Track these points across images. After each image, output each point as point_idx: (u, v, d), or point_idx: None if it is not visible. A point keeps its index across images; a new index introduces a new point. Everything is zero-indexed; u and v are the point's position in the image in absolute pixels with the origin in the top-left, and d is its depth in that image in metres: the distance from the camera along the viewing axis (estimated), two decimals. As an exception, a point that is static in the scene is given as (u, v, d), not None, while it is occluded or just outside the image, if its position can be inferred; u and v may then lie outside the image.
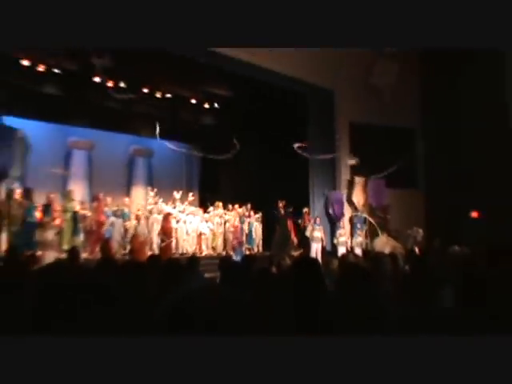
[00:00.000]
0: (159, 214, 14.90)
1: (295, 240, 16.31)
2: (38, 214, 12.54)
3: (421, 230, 15.97)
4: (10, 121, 12.07)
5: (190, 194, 16.67)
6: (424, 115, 18.54)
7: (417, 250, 12.41)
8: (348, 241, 16.08)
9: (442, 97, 17.69)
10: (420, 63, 18.48)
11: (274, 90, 16.58)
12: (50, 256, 11.42)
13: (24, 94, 14.69)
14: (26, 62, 14.65)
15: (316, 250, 15.40)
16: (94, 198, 14.79)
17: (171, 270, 4.50)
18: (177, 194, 15.85)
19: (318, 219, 16.19)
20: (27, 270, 3.79)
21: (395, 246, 13.52)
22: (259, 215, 16.92)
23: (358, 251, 14.32)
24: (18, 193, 12.04)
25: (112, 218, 14.26)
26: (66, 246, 12.53)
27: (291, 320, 2.93)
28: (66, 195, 13.82)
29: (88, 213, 13.79)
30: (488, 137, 15.67)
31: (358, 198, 17.21)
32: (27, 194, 12.30)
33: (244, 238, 16.46)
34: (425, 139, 18.36)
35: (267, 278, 4.44)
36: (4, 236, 11.53)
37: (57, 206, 13.19)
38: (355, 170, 17.29)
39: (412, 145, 18.39)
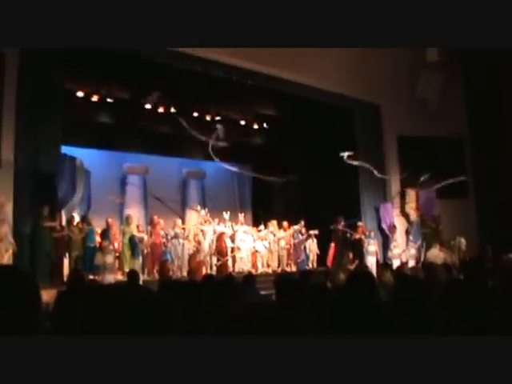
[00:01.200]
0: (213, 233, 15.13)
1: (350, 254, 16.23)
2: (97, 239, 12.93)
3: (463, 240, 15.65)
4: (68, 150, 12.50)
5: (241, 215, 16.83)
6: (472, 124, 18.27)
7: (467, 259, 12.23)
8: (402, 253, 15.92)
9: (489, 105, 17.45)
10: (465, 72, 18.28)
11: (321, 107, 16.67)
12: (109, 279, 11.75)
13: (80, 124, 15.22)
14: (80, 93, 15.20)
15: (371, 263, 15.29)
16: (150, 221, 15.11)
17: (227, 286, 4.61)
18: (226, 215, 16.04)
19: (372, 233, 16.10)
20: (90, 293, 3.95)
21: (448, 257, 13.34)
22: (315, 231, 16.85)
23: (412, 263, 14.17)
24: (77, 219, 12.44)
25: (169, 240, 14.52)
26: (126, 269, 12.83)
27: (345, 334, 2.96)
28: (126, 219, 14.18)
29: (145, 235, 14.09)
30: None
31: (411, 210, 17.05)
32: (86, 219, 12.67)
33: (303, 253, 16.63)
34: (473, 148, 18.09)
35: (322, 292, 4.52)
36: (66, 261, 11.91)
37: (115, 230, 13.57)
38: (406, 182, 17.17)
39: (461, 154, 18.13)
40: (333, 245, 16.84)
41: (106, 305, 1.52)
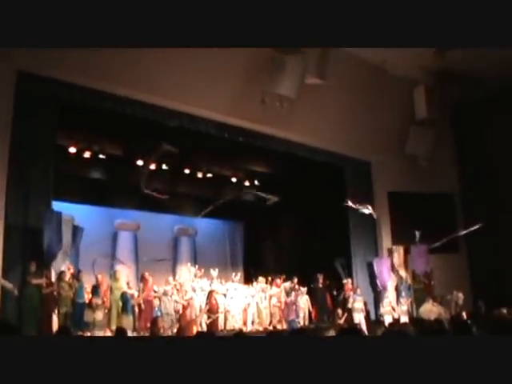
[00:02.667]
0: (203, 291, 15.00)
1: (339, 311, 16.09)
2: (86, 295, 12.78)
3: (461, 295, 15.60)
4: (59, 206, 12.47)
5: (235, 275, 16.78)
6: (463, 179, 18.46)
7: (464, 314, 12.17)
8: (394, 309, 15.79)
9: (480, 159, 17.71)
10: (454, 127, 18.58)
11: (311, 164, 16.79)
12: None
13: (72, 180, 15.26)
14: (72, 149, 15.30)
15: (359, 320, 15.19)
16: (141, 278, 14.99)
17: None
18: (213, 272, 15.92)
19: (358, 289, 16.03)
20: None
21: (441, 312, 13.28)
22: (305, 288, 16.78)
23: (405, 319, 14.07)
24: (67, 274, 12.30)
25: (160, 297, 14.36)
26: (114, 326, 12.63)
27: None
28: (113, 275, 14.04)
29: (135, 292, 13.95)
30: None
31: (401, 265, 16.99)
32: (77, 275, 12.55)
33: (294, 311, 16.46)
34: (465, 203, 18.23)
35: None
36: (55, 317, 11.71)
37: (106, 286, 13.43)
38: (397, 239, 17.18)
39: (452, 210, 18.23)
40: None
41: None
